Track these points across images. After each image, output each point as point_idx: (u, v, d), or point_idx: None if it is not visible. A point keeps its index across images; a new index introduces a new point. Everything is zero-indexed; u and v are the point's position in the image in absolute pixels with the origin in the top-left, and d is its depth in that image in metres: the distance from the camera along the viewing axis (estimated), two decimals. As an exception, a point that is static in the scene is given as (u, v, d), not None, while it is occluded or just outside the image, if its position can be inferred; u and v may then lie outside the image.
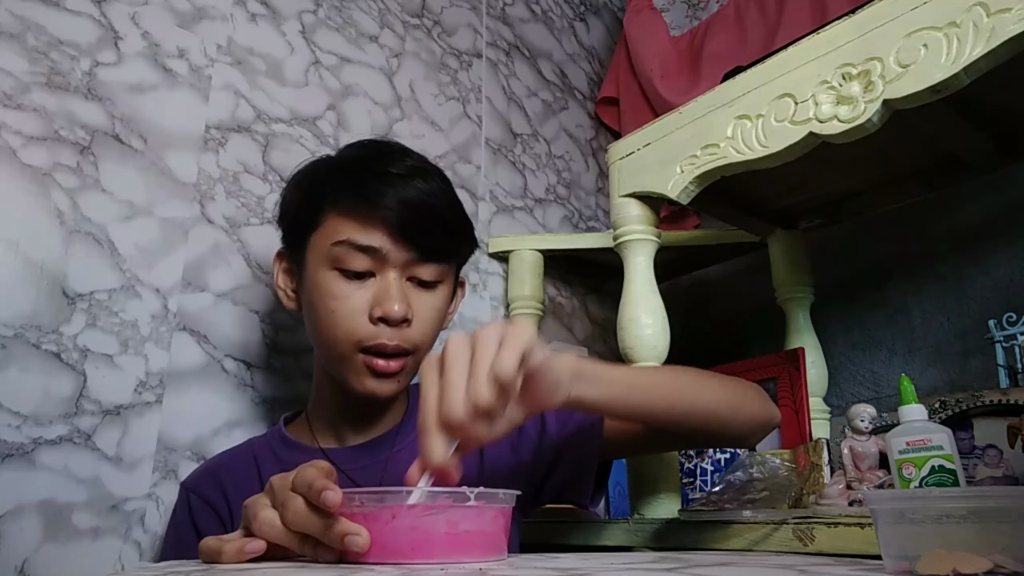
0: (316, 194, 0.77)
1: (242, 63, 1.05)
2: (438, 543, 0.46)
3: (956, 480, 0.65)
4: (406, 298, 0.74)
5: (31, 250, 0.82)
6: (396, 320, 0.73)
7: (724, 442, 0.84)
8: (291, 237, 0.82)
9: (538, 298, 1.28)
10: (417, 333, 0.76)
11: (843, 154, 0.79)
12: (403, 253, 0.74)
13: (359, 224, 0.74)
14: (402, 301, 0.73)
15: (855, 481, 0.79)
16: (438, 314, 0.79)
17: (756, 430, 0.80)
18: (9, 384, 0.78)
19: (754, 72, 0.82)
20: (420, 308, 0.76)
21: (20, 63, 0.85)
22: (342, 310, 0.74)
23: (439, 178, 0.79)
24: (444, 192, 0.78)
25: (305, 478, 0.48)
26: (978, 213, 1.10)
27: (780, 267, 1.12)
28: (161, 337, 0.90)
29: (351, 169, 0.77)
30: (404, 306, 0.73)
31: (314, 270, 0.76)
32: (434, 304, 0.78)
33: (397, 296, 0.73)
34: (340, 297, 0.74)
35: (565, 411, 0.81)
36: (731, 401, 0.76)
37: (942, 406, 0.87)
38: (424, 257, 0.75)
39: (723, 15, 1.44)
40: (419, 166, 0.78)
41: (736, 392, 0.76)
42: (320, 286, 0.75)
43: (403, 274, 0.75)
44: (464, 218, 0.81)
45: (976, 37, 0.63)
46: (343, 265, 0.74)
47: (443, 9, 1.37)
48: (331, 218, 0.75)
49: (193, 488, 0.80)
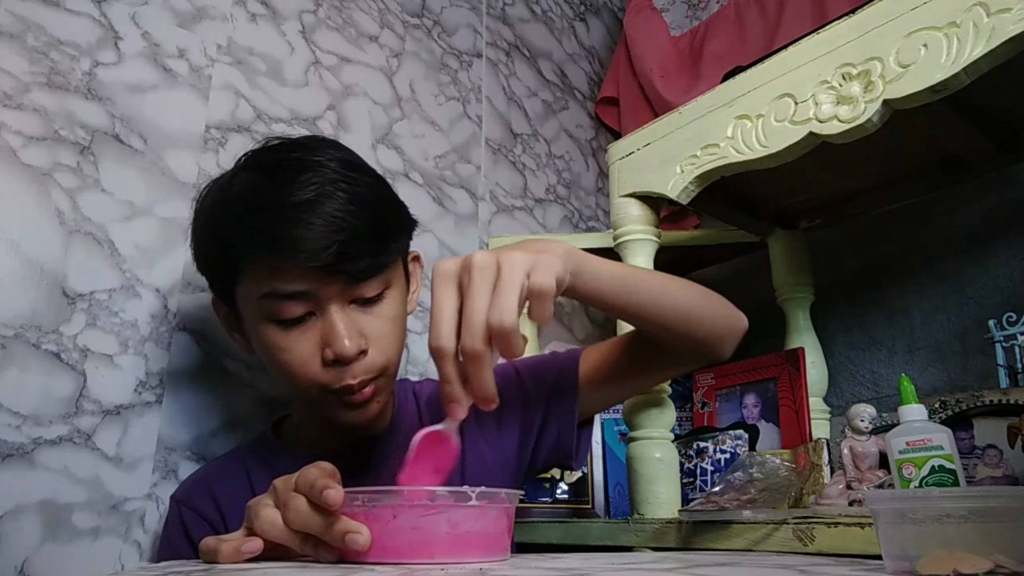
0: (226, 244, 0.71)
1: (242, 63, 1.05)
2: (439, 543, 0.46)
3: (956, 480, 0.65)
4: (355, 328, 0.69)
5: (31, 250, 0.82)
6: (350, 358, 0.68)
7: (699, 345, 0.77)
8: (215, 287, 0.77)
9: (538, 298, 1.28)
10: (380, 355, 0.71)
11: (843, 154, 0.79)
12: (334, 286, 0.68)
13: (278, 273, 0.67)
14: (352, 335, 0.68)
15: (855, 481, 0.79)
16: (394, 323, 0.73)
17: (727, 332, 0.79)
18: (9, 384, 0.78)
19: (754, 72, 0.82)
20: (373, 330, 0.70)
21: (20, 63, 0.85)
22: (293, 360, 0.69)
23: (347, 182, 0.69)
24: (358, 200, 0.69)
25: (307, 478, 0.48)
26: (978, 213, 1.10)
27: (780, 267, 1.12)
28: (161, 337, 0.90)
29: (253, 210, 0.69)
30: (355, 341, 0.68)
31: (252, 323, 0.72)
32: (388, 315, 0.72)
33: (345, 332, 0.68)
34: (286, 348, 0.69)
35: (544, 376, 0.82)
36: (703, 299, 0.76)
37: (942, 406, 0.87)
38: (358, 279, 0.69)
39: (723, 15, 1.44)
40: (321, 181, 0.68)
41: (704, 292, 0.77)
42: (263, 340, 0.70)
43: (343, 303, 0.69)
44: (389, 214, 0.74)
45: (976, 37, 0.63)
46: (277, 316, 0.69)
47: (443, 9, 1.37)
48: (247, 270, 0.70)
49: (185, 501, 0.79)
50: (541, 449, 0.82)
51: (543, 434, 0.82)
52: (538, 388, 0.82)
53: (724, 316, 0.78)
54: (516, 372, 0.83)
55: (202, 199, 0.77)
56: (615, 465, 1.15)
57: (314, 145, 0.73)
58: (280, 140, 0.76)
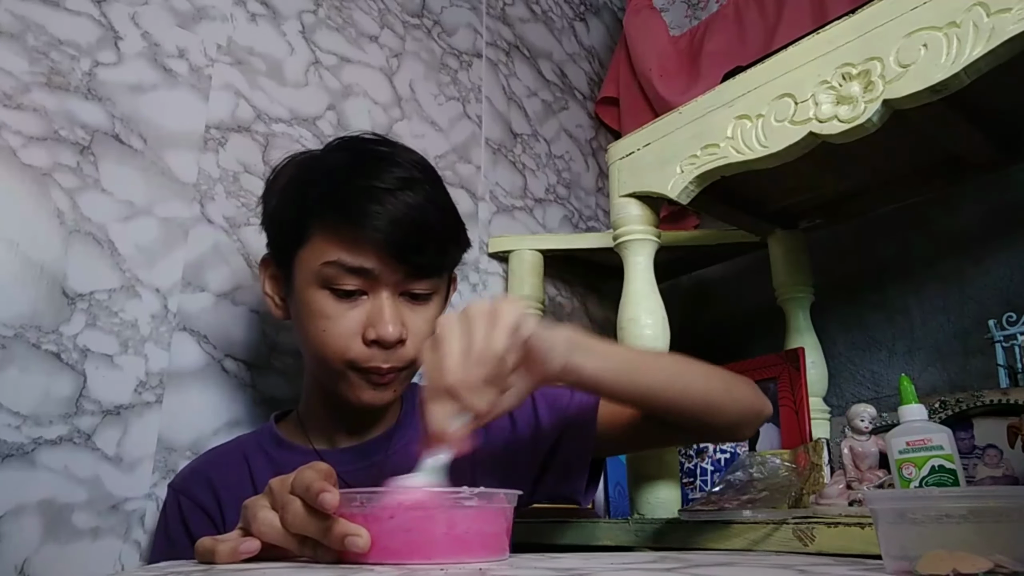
0: (301, 208, 0.74)
1: (242, 63, 1.05)
2: (437, 544, 0.46)
3: (956, 480, 0.65)
4: (400, 318, 0.73)
5: (31, 250, 0.82)
6: (391, 343, 0.72)
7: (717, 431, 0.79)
8: (277, 249, 0.79)
9: (538, 298, 1.28)
10: (412, 350, 0.74)
11: (843, 154, 0.79)
12: (395, 273, 0.72)
13: (348, 245, 0.71)
14: (396, 323, 0.72)
15: (855, 481, 0.79)
16: (431, 327, 0.75)
17: (748, 420, 0.77)
18: (9, 384, 0.78)
19: (754, 72, 0.82)
20: (414, 324, 0.74)
21: (20, 63, 0.85)
22: (333, 330, 0.72)
23: (429, 184, 0.76)
24: (434, 202, 0.75)
25: (303, 480, 0.48)
26: (978, 213, 1.10)
27: (780, 267, 1.12)
28: (161, 337, 0.90)
29: (336, 182, 0.73)
30: (399, 328, 0.72)
31: (303, 287, 0.74)
32: (428, 317, 0.76)
33: (391, 318, 0.72)
34: (332, 317, 0.72)
35: (560, 404, 0.81)
36: (724, 387, 0.74)
37: (942, 406, 0.87)
38: (417, 274, 0.74)
39: (722, 15, 1.44)
40: (407, 176, 0.74)
41: (728, 380, 0.75)
42: (310, 305, 0.73)
43: (395, 292, 0.74)
44: (456, 224, 0.79)
45: (976, 37, 0.63)
46: (334, 285, 0.72)
47: (443, 9, 1.37)
48: (318, 236, 0.73)
49: (182, 490, 0.79)
50: (546, 479, 0.81)
51: (550, 466, 0.81)
52: (553, 415, 0.81)
53: (745, 403, 0.76)
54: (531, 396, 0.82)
55: (281, 169, 0.81)
56: (615, 465, 1.15)
57: (400, 146, 0.79)
58: (369, 134, 0.81)
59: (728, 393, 0.74)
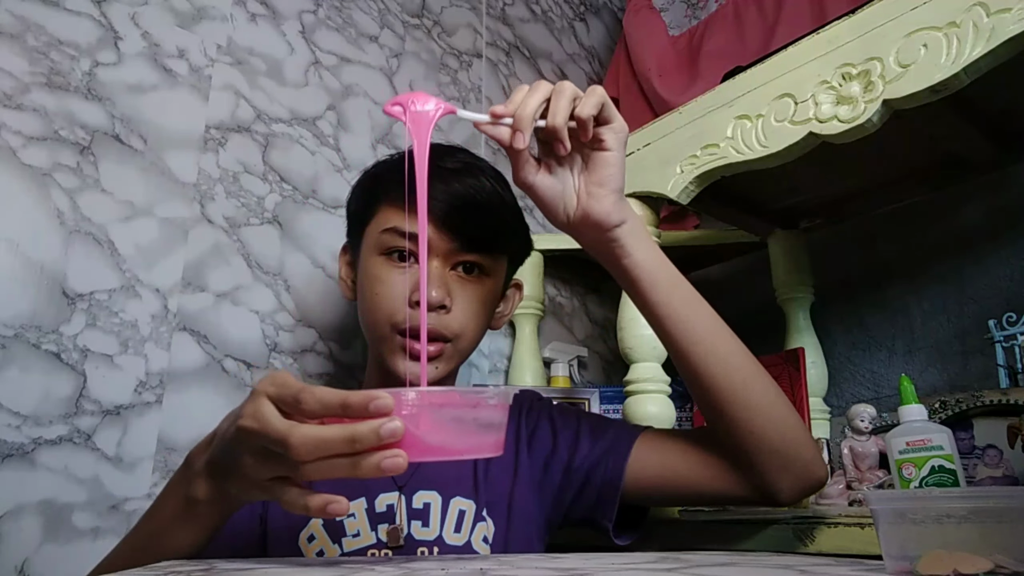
0: (373, 189, 0.81)
1: (242, 63, 1.05)
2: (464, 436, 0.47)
3: (956, 480, 0.65)
4: (446, 285, 0.76)
5: (31, 250, 0.82)
6: (433, 304, 0.74)
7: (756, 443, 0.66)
8: (351, 229, 0.85)
9: (538, 298, 1.28)
10: (456, 321, 0.76)
11: (843, 154, 0.79)
12: (446, 242, 0.76)
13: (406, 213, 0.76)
14: (440, 287, 0.75)
15: (855, 481, 0.79)
16: (481, 306, 0.79)
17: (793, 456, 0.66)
18: (9, 384, 0.78)
19: (754, 72, 0.82)
20: (460, 297, 0.77)
21: (20, 63, 0.85)
22: (385, 293, 0.76)
23: (492, 178, 0.80)
24: (493, 189, 0.79)
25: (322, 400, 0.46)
26: (978, 213, 1.10)
27: (780, 267, 1.12)
28: (161, 337, 0.90)
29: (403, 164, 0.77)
30: (442, 292, 0.75)
31: (366, 257, 0.79)
32: (476, 295, 0.78)
33: (436, 282, 0.75)
34: (384, 281, 0.76)
35: (600, 428, 0.78)
36: (774, 390, 0.67)
37: (942, 406, 0.87)
38: (467, 247, 0.77)
39: (722, 14, 1.44)
40: (472, 163, 0.80)
41: (780, 394, 0.67)
42: (368, 271, 0.78)
43: (447, 263, 0.77)
44: (514, 216, 0.82)
45: (976, 37, 0.63)
46: (389, 248, 0.77)
47: (443, 9, 1.37)
48: (383, 209, 0.79)
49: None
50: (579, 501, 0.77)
51: (584, 489, 0.77)
52: (593, 437, 0.78)
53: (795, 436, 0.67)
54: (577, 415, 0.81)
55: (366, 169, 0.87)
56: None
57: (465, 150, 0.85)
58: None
59: (779, 396, 0.67)
